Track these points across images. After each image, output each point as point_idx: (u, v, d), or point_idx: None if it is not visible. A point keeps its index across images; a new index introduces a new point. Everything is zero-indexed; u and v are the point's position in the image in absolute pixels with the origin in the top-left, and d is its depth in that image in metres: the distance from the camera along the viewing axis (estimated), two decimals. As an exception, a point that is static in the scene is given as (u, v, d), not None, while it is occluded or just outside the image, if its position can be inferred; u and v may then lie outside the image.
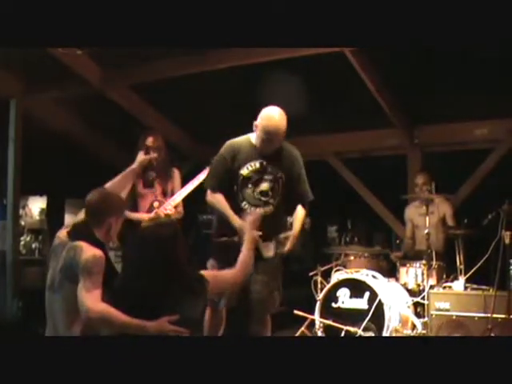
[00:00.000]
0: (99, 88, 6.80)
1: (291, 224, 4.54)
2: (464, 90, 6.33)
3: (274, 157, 4.39)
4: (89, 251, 3.23)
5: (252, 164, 4.39)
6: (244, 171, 4.38)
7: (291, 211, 4.54)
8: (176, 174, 5.58)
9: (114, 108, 7.27)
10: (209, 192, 4.48)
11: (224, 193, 4.41)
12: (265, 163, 4.38)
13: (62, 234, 3.49)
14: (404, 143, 7.54)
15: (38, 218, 10.01)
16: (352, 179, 8.00)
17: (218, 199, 4.41)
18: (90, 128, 8.16)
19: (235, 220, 4.28)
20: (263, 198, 4.36)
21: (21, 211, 8.97)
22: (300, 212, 4.51)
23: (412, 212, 6.84)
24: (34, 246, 9.46)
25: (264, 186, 4.36)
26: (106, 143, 8.49)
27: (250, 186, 4.37)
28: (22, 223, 9.40)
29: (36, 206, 10.03)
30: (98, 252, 3.25)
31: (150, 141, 5.37)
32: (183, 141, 8.45)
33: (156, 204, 5.40)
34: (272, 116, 4.31)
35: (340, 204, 9.14)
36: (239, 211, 4.33)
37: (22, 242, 9.25)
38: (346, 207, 8.84)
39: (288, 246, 4.34)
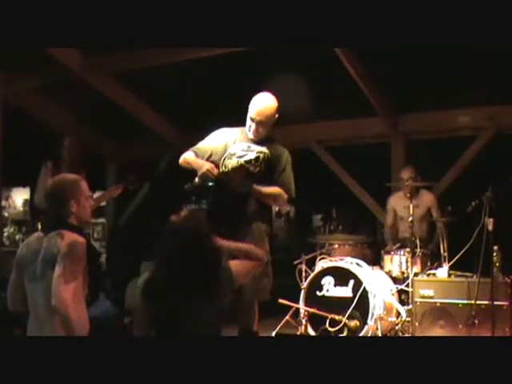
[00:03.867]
0: (81, 75, 6.75)
1: (278, 212, 4.56)
2: (447, 77, 6.36)
3: (262, 144, 4.46)
4: (70, 237, 3.25)
5: (240, 144, 4.48)
6: (232, 149, 4.48)
7: None
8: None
9: (97, 96, 7.23)
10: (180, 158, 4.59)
11: None
12: (252, 145, 4.46)
13: (35, 235, 3.50)
14: (387, 131, 7.55)
15: (21, 209, 9.99)
16: (336, 167, 7.99)
17: (185, 156, 4.53)
18: (73, 117, 8.10)
19: (196, 162, 4.41)
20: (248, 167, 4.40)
21: (4, 202, 8.94)
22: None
23: (396, 202, 6.85)
24: (17, 237, 9.46)
25: (249, 156, 4.42)
26: (90, 132, 8.45)
27: (234, 158, 4.45)
28: (6, 214, 9.36)
29: (19, 197, 10.01)
30: (79, 238, 3.28)
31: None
32: (166, 129, 8.43)
33: None
34: (259, 99, 4.43)
35: (324, 193, 9.16)
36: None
37: (6, 234, 9.22)
38: (331, 196, 8.85)
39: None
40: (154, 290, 3.16)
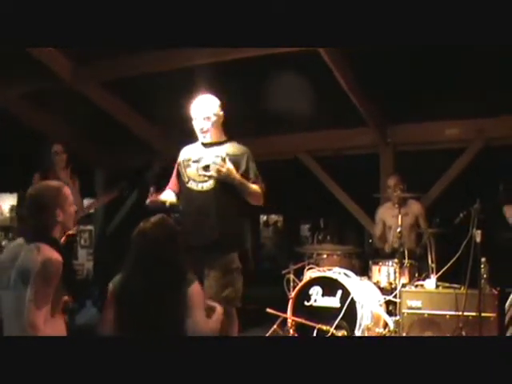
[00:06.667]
0: (71, 84, 6.73)
1: (265, 222, 4.49)
2: (436, 90, 6.39)
3: (219, 146, 4.43)
4: (46, 253, 3.13)
5: (196, 150, 4.48)
6: (188, 155, 4.48)
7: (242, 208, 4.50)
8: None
9: (87, 104, 7.21)
10: None
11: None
12: (207, 149, 4.43)
13: (17, 241, 3.39)
14: (376, 142, 7.57)
15: (8, 215, 9.95)
16: (325, 178, 7.99)
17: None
18: (62, 125, 8.08)
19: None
20: (207, 173, 4.34)
21: (-9, 208, 8.89)
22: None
23: (384, 213, 6.86)
24: (3, 243, 9.39)
25: (206, 160, 4.37)
26: (79, 140, 8.42)
27: (192, 164, 4.42)
28: (-8, 220, 9.31)
29: (6, 203, 9.96)
30: (55, 255, 3.14)
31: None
32: (155, 137, 8.41)
33: None
34: (197, 99, 4.42)
35: (313, 203, 9.17)
36: (187, 191, 4.41)
37: (-8, 240, 9.16)
38: (319, 206, 8.86)
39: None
40: (125, 292, 3.21)
